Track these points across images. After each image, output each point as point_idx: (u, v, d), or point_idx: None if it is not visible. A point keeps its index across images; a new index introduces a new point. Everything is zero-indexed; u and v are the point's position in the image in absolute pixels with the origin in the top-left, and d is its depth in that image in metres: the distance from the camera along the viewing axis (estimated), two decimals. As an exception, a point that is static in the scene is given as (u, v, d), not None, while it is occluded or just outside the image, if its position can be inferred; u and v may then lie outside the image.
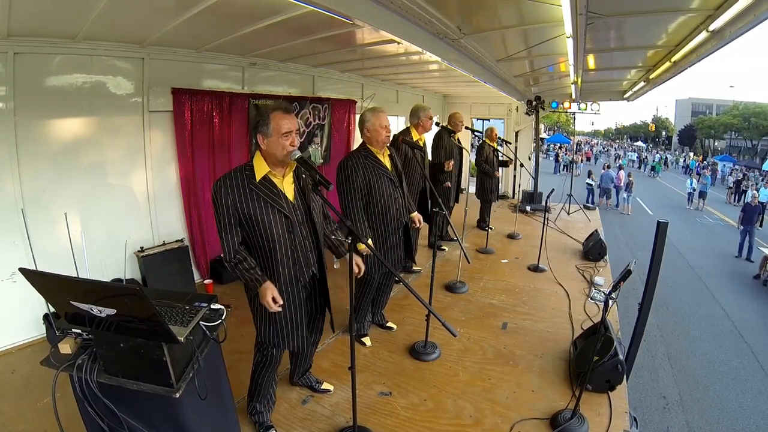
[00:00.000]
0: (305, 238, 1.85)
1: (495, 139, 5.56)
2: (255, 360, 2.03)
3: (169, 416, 1.39)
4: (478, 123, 9.14)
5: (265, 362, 1.99)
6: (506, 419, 2.17)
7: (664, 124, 46.79)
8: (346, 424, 2.11)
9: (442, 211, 2.77)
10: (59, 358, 1.37)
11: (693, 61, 3.63)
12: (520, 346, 2.88)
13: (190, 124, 3.67)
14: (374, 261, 2.57)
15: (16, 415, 2.21)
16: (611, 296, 2.02)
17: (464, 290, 3.79)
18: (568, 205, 7.08)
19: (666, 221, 2.73)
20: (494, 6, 2.82)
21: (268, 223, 1.74)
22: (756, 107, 33.90)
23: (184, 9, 2.39)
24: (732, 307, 7.35)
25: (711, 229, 13.28)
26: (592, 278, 4.01)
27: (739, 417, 4.56)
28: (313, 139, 5.13)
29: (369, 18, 2.30)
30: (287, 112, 1.73)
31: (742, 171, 24.45)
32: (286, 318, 1.87)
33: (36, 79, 2.79)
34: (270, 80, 4.54)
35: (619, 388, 2.32)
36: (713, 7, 2.56)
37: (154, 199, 3.62)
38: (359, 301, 2.78)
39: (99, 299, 1.17)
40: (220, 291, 3.74)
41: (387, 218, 2.59)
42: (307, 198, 1.89)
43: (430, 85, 7.56)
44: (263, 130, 1.70)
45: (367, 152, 2.53)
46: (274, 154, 1.72)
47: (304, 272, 1.87)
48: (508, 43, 3.77)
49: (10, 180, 2.73)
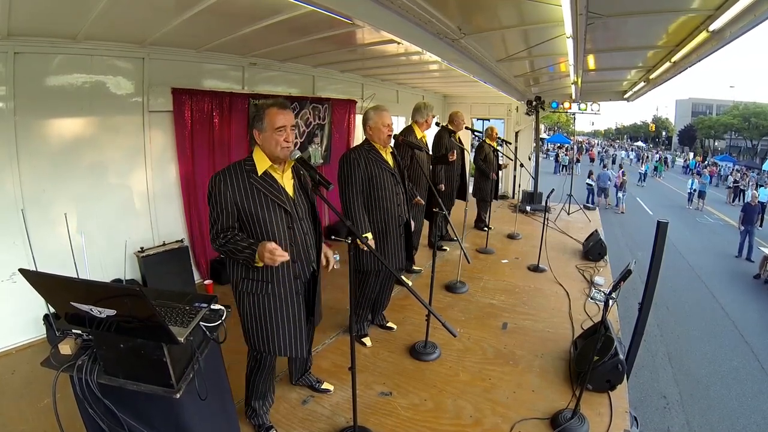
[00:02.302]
0: (306, 234, 1.83)
1: (495, 138, 5.56)
2: (249, 365, 1.99)
3: (169, 417, 1.39)
4: (478, 123, 9.14)
5: (260, 367, 1.95)
6: (506, 419, 2.17)
7: (664, 124, 46.80)
8: (347, 424, 2.11)
9: (442, 211, 2.77)
10: (59, 359, 1.37)
11: (693, 61, 3.63)
12: (520, 346, 2.88)
13: (190, 124, 3.67)
14: (374, 258, 2.57)
15: (17, 415, 2.21)
16: (611, 296, 2.02)
17: (464, 290, 3.79)
18: (568, 205, 7.08)
19: (666, 221, 2.73)
20: (494, 6, 2.82)
21: (269, 218, 1.72)
22: (756, 107, 33.89)
23: (184, 9, 2.38)
24: (732, 306, 7.35)
25: (711, 229, 13.28)
26: (592, 278, 4.01)
27: (740, 416, 4.56)
28: (313, 139, 5.13)
29: (369, 18, 2.30)
30: (282, 107, 1.72)
31: (741, 171, 24.44)
32: (282, 321, 1.80)
33: (36, 78, 2.79)
34: (270, 80, 4.54)
35: (619, 388, 2.32)
36: (713, 7, 2.56)
37: (154, 199, 3.62)
38: (359, 301, 2.78)
39: (99, 300, 1.16)
40: (220, 291, 3.73)
41: (388, 214, 2.59)
42: (310, 193, 1.88)
43: (430, 85, 7.57)
44: (258, 126, 1.71)
45: (370, 147, 2.56)
46: (268, 149, 1.71)
47: (305, 269, 1.84)
48: (508, 43, 3.77)
49: (10, 180, 2.73)
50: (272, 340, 1.82)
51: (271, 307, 1.79)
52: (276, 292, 1.78)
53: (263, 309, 1.79)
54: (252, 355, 1.96)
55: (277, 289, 1.78)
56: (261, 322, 1.80)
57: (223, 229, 1.70)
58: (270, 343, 1.82)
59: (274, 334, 1.81)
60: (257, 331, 1.82)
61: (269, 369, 1.98)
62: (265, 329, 1.81)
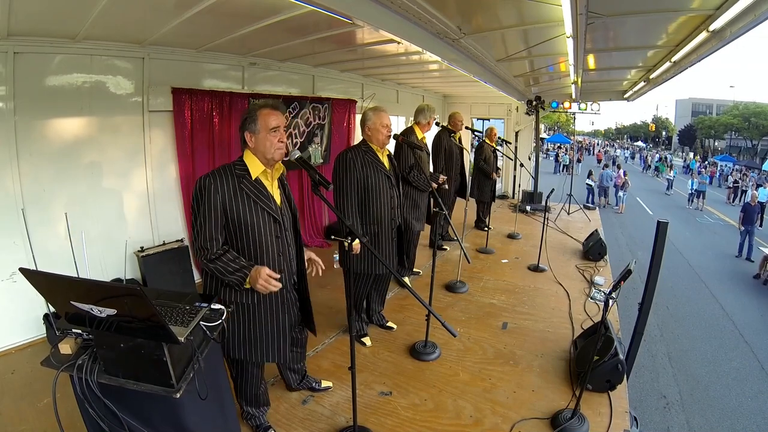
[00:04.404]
0: (289, 245, 1.80)
1: (494, 139, 5.56)
2: (231, 375, 1.91)
3: (169, 416, 1.39)
4: (478, 123, 9.14)
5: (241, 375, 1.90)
6: (506, 419, 2.17)
7: (664, 124, 46.76)
8: (347, 424, 2.11)
9: (442, 211, 2.76)
10: (59, 359, 1.37)
11: (693, 61, 3.63)
12: (520, 346, 2.88)
13: (190, 124, 3.67)
14: (364, 261, 2.56)
15: (16, 415, 2.21)
16: (611, 296, 2.02)
17: (464, 290, 3.79)
18: (568, 205, 7.08)
19: (666, 221, 2.74)
20: (494, 6, 2.82)
21: (258, 226, 1.66)
22: (756, 107, 33.88)
23: (184, 9, 2.38)
24: (732, 306, 7.35)
25: (711, 229, 13.28)
26: (592, 278, 4.01)
27: (740, 416, 4.56)
28: (313, 139, 5.12)
29: (369, 18, 2.30)
30: (275, 108, 1.69)
31: (741, 171, 24.44)
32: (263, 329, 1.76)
33: (36, 78, 2.79)
34: (270, 80, 4.54)
35: (619, 388, 2.32)
36: (713, 7, 2.56)
37: (154, 199, 3.62)
38: (353, 298, 2.77)
39: (99, 299, 1.16)
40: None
41: (381, 217, 2.58)
42: (293, 205, 1.85)
43: (430, 85, 7.57)
44: (251, 128, 1.66)
45: (367, 148, 2.56)
46: (262, 152, 1.66)
47: (291, 279, 1.83)
48: (508, 43, 3.77)
49: (10, 180, 2.73)
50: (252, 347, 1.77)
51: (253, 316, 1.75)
52: (262, 302, 1.74)
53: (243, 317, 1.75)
54: (233, 365, 1.89)
55: (261, 298, 1.73)
56: (241, 329, 1.75)
57: (209, 240, 1.61)
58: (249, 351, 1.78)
59: (255, 341, 1.77)
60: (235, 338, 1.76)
61: (253, 376, 1.93)
62: (245, 336, 1.76)
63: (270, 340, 1.79)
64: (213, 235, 1.61)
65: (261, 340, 1.78)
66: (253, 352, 1.79)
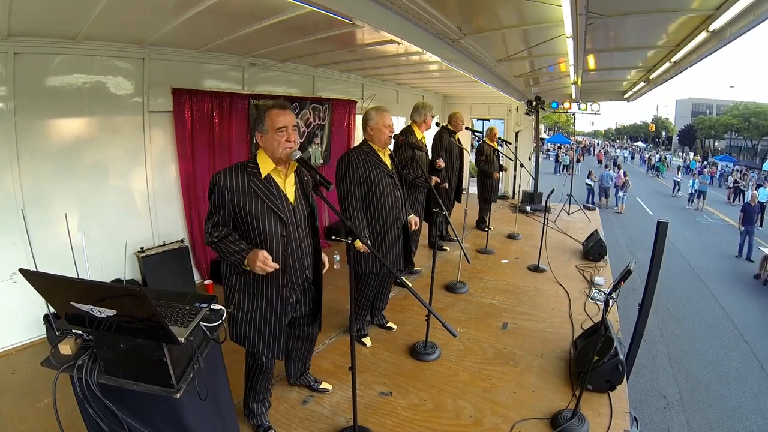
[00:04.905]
0: (302, 241, 1.82)
1: (495, 139, 5.56)
2: (247, 365, 1.99)
3: (169, 417, 1.39)
4: (478, 123, 9.14)
5: (258, 368, 1.95)
6: (506, 419, 2.17)
7: (664, 124, 46.75)
8: (347, 424, 2.11)
9: (442, 211, 2.76)
10: (59, 359, 1.37)
11: (693, 61, 3.63)
12: (520, 346, 2.88)
13: (190, 124, 3.67)
14: (373, 260, 2.57)
15: (16, 415, 2.21)
16: (611, 296, 2.02)
17: (464, 290, 3.79)
18: (568, 206, 7.08)
19: (666, 221, 2.74)
20: (494, 6, 2.82)
21: (264, 223, 1.71)
22: (756, 107, 33.87)
23: (184, 9, 2.38)
24: (732, 307, 7.35)
25: (711, 229, 13.28)
26: (592, 278, 4.01)
27: (740, 416, 4.56)
28: (313, 140, 5.13)
29: (369, 18, 2.30)
30: (283, 108, 1.73)
31: (741, 171, 24.44)
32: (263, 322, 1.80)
33: (36, 79, 2.79)
34: (270, 80, 4.54)
35: (619, 388, 2.32)
36: (713, 7, 2.56)
37: (154, 200, 3.62)
38: (358, 301, 2.78)
39: (99, 300, 1.17)
40: (220, 291, 3.70)
41: (386, 217, 2.58)
42: (311, 200, 1.88)
43: (430, 85, 7.57)
44: (260, 128, 1.73)
45: (369, 148, 2.56)
46: (270, 151, 1.72)
47: (297, 278, 1.83)
48: (508, 43, 3.78)
49: (11, 180, 2.73)
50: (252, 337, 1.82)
51: (257, 306, 1.80)
52: (265, 294, 1.78)
53: (249, 306, 1.80)
54: (249, 356, 1.96)
55: (267, 290, 1.78)
56: (246, 318, 1.81)
57: (217, 225, 1.71)
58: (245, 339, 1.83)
59: (255, 332, 1.82)
60: (242, 327, 1.82)
61: (268, 370, 1.98)
62: (249, 325, 1.82)
63: (263, 333, 1.83)
64: (218, 223, 1.72)
65: (257, 331, 1.82)
66: (248, 341, 1.83)
